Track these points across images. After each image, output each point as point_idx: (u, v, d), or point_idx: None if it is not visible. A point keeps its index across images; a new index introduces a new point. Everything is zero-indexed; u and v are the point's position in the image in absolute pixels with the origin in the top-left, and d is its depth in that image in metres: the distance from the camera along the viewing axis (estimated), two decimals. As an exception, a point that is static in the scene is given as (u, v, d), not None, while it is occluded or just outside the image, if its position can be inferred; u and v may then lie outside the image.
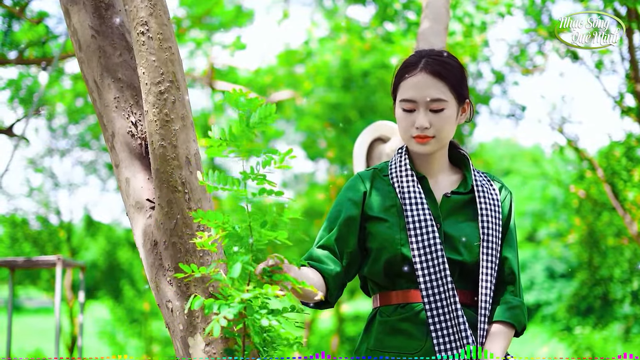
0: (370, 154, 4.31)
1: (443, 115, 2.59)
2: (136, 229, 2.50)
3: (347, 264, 2.63)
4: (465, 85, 2.66)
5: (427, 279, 2.53)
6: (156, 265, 2.40)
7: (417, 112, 2.60)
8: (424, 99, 2.58)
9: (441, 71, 2.60)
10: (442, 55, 2.67)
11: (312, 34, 15.74)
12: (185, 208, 2.35)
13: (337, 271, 2.60)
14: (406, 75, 2.64)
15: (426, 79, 2.60)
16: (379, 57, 14.31)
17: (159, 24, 2.33)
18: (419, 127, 2.59)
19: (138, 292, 19.51)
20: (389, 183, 2.68)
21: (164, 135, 2.33)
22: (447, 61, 2.64)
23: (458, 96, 2.62)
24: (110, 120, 2.57)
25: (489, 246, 2.59)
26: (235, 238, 2.12)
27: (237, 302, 2.01)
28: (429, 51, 2.71)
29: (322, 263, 2.60)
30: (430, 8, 4.39)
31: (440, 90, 2.58)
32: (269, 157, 2.09)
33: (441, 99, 2.58)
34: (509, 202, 2.72)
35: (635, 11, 10.23)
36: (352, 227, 2.64)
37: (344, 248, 2.63)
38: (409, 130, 2.62)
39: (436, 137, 2.60)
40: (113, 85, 2.59)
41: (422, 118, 2.58)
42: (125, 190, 2.54)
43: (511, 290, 2.63)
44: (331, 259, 2.61)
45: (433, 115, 2.59)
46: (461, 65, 2.67)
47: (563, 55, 12.25)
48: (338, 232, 2.64)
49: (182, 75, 2.37)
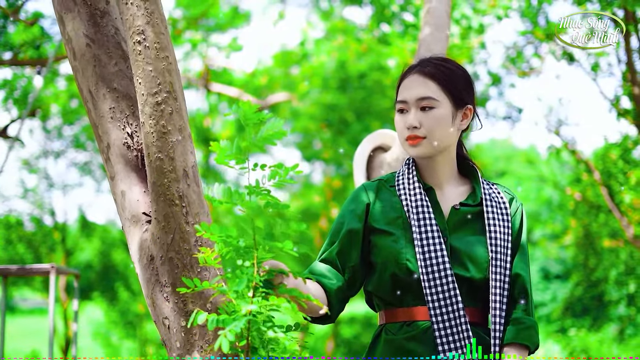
0: (370, 163, 4.25)
1: (432, 114, 2.53)
2: (132, 243, 2.43)
3: (349, 278, 2.57)
4: (466, 91, 2.60)
5: (434, 297, 2.46)
6: (152, 281, 2.34)
7: (409, 113, 2.56)
8: (413, 98, 2.55)
9: (433, 72, 2.56)
10: (440, 59, 2.64)
11: (308, 34, 15.69)
12: (183, 222, 2.28)
13: (338, 285, 2.53)
14: (403, 78, 2.62)
15: (417, 78, 2.57)
16: (376, 59, 14.26)
17: (155, 33, 2.27)
18: (409, 127, 2.54)
19: (133, 293, 19.45)
20: (395, 194, 2.61)
21: (161, 147, 2.26)
22: (444, 64, 2.60)
23: (455, 99, 2.56)
24: (106, 132, 2.50)
25: (499, 264, 2.51)
26: (240, 252, 2.06)
27: (242, 315, 1.95)
28: (431, 57, 2.68)
29: (324, 277, 2.53)
30: (431, 14, 4.33)
31: (429, 89, 2.54)
32: (274, 171, 2.03)
33: (430, 97, 2.53)
34: (520, 216, 2.65)
35: (632, 14, 10.21)
36: (354, 241, 2.57)
37: (346, 262, 2.57)
38: (403, 132, 2.58)
39: (427, 137, 2.53)
40: (108, 95, 2.52)
41: (411, 117, 2.54)
42: (120, 203, 2.47)
43: (523, 309, 2.54)
44: (333, 273, 2.55)
45: (423, 114, 2.54)
46: (463, 71, 2.62)
47: (559, 57, 12.22)
48: (340, 246, 2.57)
49: (179, 86, 2.31)
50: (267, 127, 2.05)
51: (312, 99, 15.74)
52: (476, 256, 2.52)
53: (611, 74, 12.73)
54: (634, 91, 11.07)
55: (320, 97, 15.47)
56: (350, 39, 14.86)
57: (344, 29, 15.29)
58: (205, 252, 2.15)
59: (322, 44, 15.43)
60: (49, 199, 18.31)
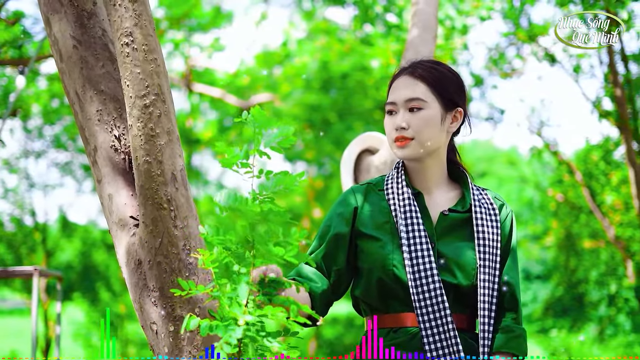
0: (358, 166, 4.22)
1: (420, 115, 2.50)
2: (119, 247, 2.40)
3: (334, 281, 2.54)
4: (456, 94, 2.57)
5: (422, 303, 2.43)
6: (140, 285, 2.31)
7: (397, 114, 2.54)
8: (401, 99, 2.53)
9: (423, 73, 2.54)
10: (431, 62, 2.62)
11: (290, 35, 15.65)
12: (171, 226, 2.26)
13: (323, 289, 2.50)
14: (393, 80, 2.61)
15: (406, 80, 2.55)
16: (358, 60, 14.25)
17: (144, 35, 2.24)
18: (397, 128, 2.52)
19: (114, 294, 19.35)
20: (383, 198, 2.58)
21: (149, 151, 2.23)
22: (434, 66, 2.58)
23: (444, 101, 2.54)
24: (93, 134, 2.47)
25: (487, 270, 2.49)
26: (238, 257, 2.02)
27: (239, 325, 1.91)
28: (422, 59, 2.67)
29: (310, 280, 2.50)
30: (418, 16, 4.31)
31: (418, 90, 2.52)
32: (279, 179, 1.99)
33: (418, 98, 2.51)
34: (509, 222, 2.62)
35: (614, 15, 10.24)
36: (340, 244, 2.55)
37: (331, 265, 2.54)
38: (391, 134, 2.55)
39: (415, 139, 2.50)
40: (95, 98, 2.49)
41: (399, 118, 2.52)
42: (107, 206, 2.44)
43: (512, 317, 2.52)
44: (318, 276, 2.52)
45: (411, 115, 2.51)
46: (454, 74, 2.59)
47: (541, 58, 12.26)
48: (326, 249, 2.55)
49: (167, 88, 2.28)
50: (277, 133, 2.01)
51: (294, 99, 15.70)
52: (464, 263, 2.50)
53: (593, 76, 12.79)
54: (616, 93, 11.12)
55: (302, 98, 15.44)
56: (333, 39, 14.85)
57: (327, 30, 15.27)
58: (204, 254, 2.10)
59: (305, 44, 15.40)
60: (29, 199, 18.18)
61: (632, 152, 11.18)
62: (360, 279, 2.56)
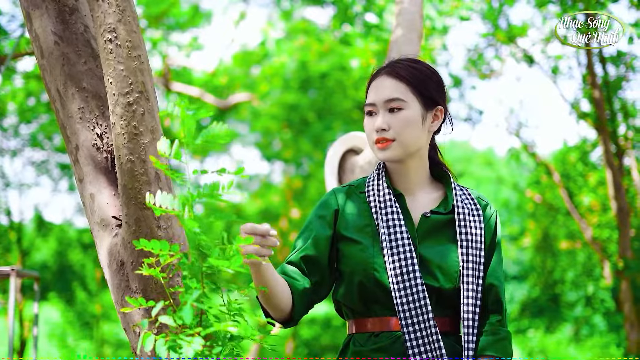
0: (342, 166, 4.17)
1: (401, 116, 2.45)
2: (101, 248, 2.34)
3: (315, 282, 2.49)
4: (436, 91, 2.52)
5: (404, 307, 2.39)
6: (122, 287, 2.26)
7: (377, 115, 2.49)
8: (381, 100, 2.47)
9: (401, 72, 2.49)
10: (410, 60, 2.57)
11: (268, 34, 15.60)
12: (155, 227, 2.21)
13: (304, 287, 2.44)
14: (372, 81, 2.55)
15: (385, 80, 2.50)
16: (337, 60, 14.23)
17: (127, 31, 2.19)
18: (377, 129, 2.46)
19: (89, 294, 19.22)
20: (365, 200, 2.53)
21: (133, 149, 2.19)
22: (413, 65, 2.53)
23: (424, 100, 2.49)
24: (74, 132, 2.42)
25: (470, 273, 2.45)
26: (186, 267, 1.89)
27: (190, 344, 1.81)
28: (400, 58, 2.62)
29: (292, 278, 2.45)
30: (403, 15, 4.26)
31: (397, 90, 2.47)
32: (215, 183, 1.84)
33: (398, 99, 2.45)
34: (494, 223, 2.57)
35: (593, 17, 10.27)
36: (321, 247, 2.49)
37: (312, 267, 2.49)
38: (372, 135, 2.50)
39: (397, 140, 2.45)
40: (77, 95, 2.43)
41: (379, 119, 2.46)
42: (89, 206, 2.38)
43: (497, 320, 2.48)
44: (300, 276, 2.47)
45: (391, 116, 2.46)
46: (433, 72, 2.54)
47: (520, 59, 12.30)
48: (307, 251, 2.49)
49: (152, 86, 2.23)
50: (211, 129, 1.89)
51: (273, 99, 15.66)
52: (446, 265, 2.45)
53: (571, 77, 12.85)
54: (594, 94, 11.17)
55: (281, 97, 15.40)
56: (312, 39, 14.82)
57: (305, 29, 15.24)
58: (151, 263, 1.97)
59: (283, 43, 15.36)
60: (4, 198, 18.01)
61: (609, 154, 11.24)
62: (341, 283, 2.51)
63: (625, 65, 11.55)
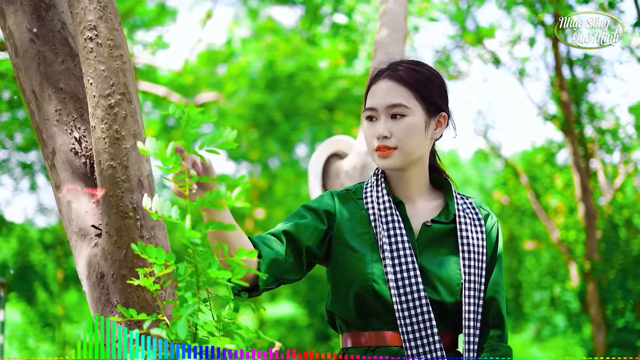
0: (326, 171, 4.03)
1: (404, 123, 2.32)
2: (79, 259, 2.20)
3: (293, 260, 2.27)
4: (439, 96, 2.40)
5: (407, 321, 2.27)
6: (102, 301, 2.13)
7: (378, 120, 2.36)
8: (383, 105, 2.34)
9: (405, 76, 2.36)
10: (412, 62, 2.43)
11: (234, 33, 15.48)
12: (137, 236, 2.08)
13: (275, 257, 2.22)
14: (371, 84, 2.42)
15: (388, 84, 2.36)
16: (305, 60, 14.14)
17: (109, 29, 2.06)
18: (379, 136, 2.33)
19: (51, 294, 18.95)
20: (362, 207, 2.40)
21: (114, 155, 2.05)
22: (416, 68, 2.39)
23: (427, 106, 2.36)
24: (51, 136, 2.27)
25: (472, 286, 2.33)
26: (180, 279, 1.78)
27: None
28: (402, 60, 2.48)
29: (263, 243, 2.23)
30: (388, 15, 4.14)
31: (401, 95, 2.34)
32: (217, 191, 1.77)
33: (401, 104, 2.33)
34: (495, 234, 2.45)
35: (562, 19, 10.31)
36: (307, 233, 2.30)
37: (291, 245, 2.28)
38: (372, 142, 2.36)
39: (399, 148, 2.32)
40: (54, 96, 2.29)
41: (381, 126, 2.33)
42: (66, 214, 2.24)
43: (498, 335, 2.37)
44: (276, 244, 2.25)
45: (393, 123, 2.33)
46: (436, 75, 2.42)
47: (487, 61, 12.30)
48: (289, 229, 2.29)
49: (134, 87, 2.10)
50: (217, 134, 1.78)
51: (239, 98, 15.52)
52: (447, 278, 2.34)
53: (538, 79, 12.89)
54: (562, 96, 11.19)
55: (247, 97, 15.27)
56: (279, 38, 14.71)
57: (273, 29, 15.13)
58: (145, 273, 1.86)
59: (250, 43, 15.23)
60: (-36, 197, 17.69)
61: (577, 156, 11.26)
62: (336, 294, 2.38)
63: (592, 68, 11.58)
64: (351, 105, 14.12)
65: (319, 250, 2.35)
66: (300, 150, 16.96)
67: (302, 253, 2.31)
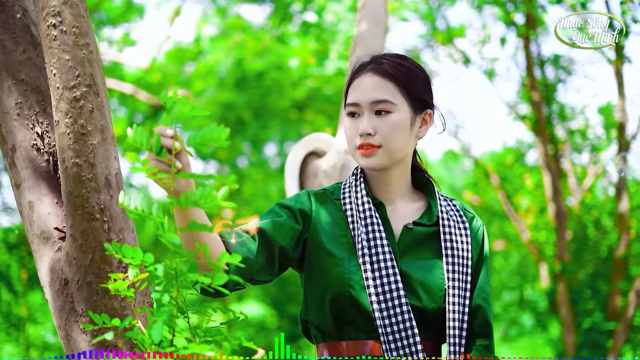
0: (304, 170, 3.88)
1: (389, 120, 2.21)
2: (41, 264, 2.04)
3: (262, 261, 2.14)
4: (426, 93, 2.29)
5: (387, 329, 2.14)
6: (67, 309, 1.97)
7: (361, 117, 2.24)
8: (367, 101, 2.22)
9: (390, 71, 2.24)
10: (396, 56, 2.31)
11: (203, 31, 15.33)
12: (104, 240, 1.93)
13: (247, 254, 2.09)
14: (354, 78, 2.29)
15: (372, 79, 2.24)
16: (274, 58, 14.00)
17: (74, 15, 1.90)
18: (362, 134, 2.21)
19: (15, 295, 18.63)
20: (340, 209, 2.27)
21: (79, 151, 1.90)
22: (402, 62, 2.27)
23: (413, 102, 2.25)
24: (11, 131, 2.11)
25: (457, 292, 2.21)
26: (158, 282, 1.67)
27: None
28: (385, 53, 2.36)
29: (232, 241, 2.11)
30: (368, 8, 3.99)
31: (386, 91, 2.22)
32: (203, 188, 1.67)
33: (387, 100, 2.21)
34: (481, 238, 2.34)
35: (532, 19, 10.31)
36: (281, 232, 2.17)
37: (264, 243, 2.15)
38: (354, 139, 2.24)
39: (383, 146, 2.21)
40: (14, 88, 2.13)
41: (365, 122, 2.21)
42: (27, 216, 2.08)
43: (485, 344, 2.25)
44: (248, 241, 2.12)
45: (378, 119, 2.21)
46: (422, 71, 2.30)
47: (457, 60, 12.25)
48: (263, 226, 2.16)
49: (101, 79, 1.95)
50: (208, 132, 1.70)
51: (207, 97, 15.35)
52: (430, 284, 2.22)
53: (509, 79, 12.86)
54: (533, 97, 11.15)
55: (216, 96, 15.10)
56: (248, 37, 14.57)
57: (242, 27, 14.99)
58: (118, 278, 1.75)
59: (218, 41, 15.08)
60: None
61: (547, 156, 11.23)
62: (311, 301, 2.25)
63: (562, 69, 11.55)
64: (321, 104, 14.00)
65: (293, 252, 2.22)
66: (270, 149, 16.84)
67: (274, 253, 2.18)
